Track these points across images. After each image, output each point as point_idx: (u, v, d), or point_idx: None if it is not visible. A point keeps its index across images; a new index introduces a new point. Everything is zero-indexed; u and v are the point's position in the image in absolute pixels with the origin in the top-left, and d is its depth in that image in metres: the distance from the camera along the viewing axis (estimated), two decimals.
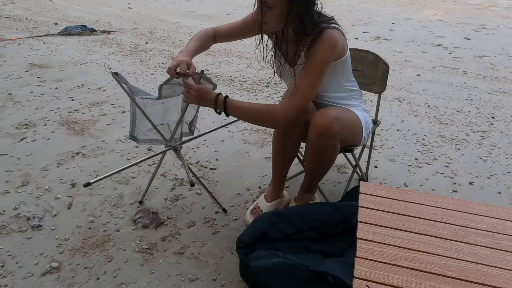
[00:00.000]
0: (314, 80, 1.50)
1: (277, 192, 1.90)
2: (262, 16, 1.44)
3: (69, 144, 2.49)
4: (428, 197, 1.29)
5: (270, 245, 1.51)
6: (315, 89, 1.52)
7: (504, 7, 8.93)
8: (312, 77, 1.49)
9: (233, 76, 3.88)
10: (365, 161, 2.31)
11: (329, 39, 1.46)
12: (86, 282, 1.52)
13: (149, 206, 1.94)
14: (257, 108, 1.55)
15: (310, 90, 1.51)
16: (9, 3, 7.02)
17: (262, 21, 1.46)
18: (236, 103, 1.54)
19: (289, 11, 1.41)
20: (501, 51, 5.20)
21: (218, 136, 2.66)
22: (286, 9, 1.41)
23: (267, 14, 1.43)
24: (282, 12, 1.42)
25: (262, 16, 1.44)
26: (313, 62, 1.48)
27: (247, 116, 1.56)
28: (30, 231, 1.76)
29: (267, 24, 1.48)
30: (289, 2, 1.39)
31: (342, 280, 1.33)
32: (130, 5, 7.49)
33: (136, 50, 4.64)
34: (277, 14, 1.42)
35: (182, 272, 1.58)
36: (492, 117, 3.17)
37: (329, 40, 1.46)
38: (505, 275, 1.00)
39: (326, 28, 1.47)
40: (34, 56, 4.17)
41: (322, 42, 1.46)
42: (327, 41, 1.46)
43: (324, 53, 1.47)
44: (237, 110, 1.54)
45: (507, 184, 2.27)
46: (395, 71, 4.23)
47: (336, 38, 1.47)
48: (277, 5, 1.40)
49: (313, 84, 1.50)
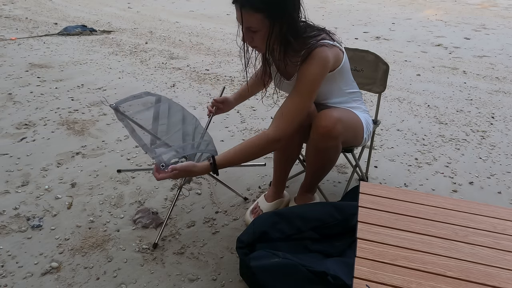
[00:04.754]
0: (304, 100, 1.48)
1: (278, 193, 1.90)
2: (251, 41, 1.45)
3: (69, 144, 2.49)
4: (428, 197, 1.29)
5: (270, 245, 1.51)
6: (307, 108, 1.50)
7: (504, 7, 8.93)
8: (303, 98, 1.48)
9: (233, 76, 3.88)
10: (365, 161, 2.31)
11: (319, 58, 1.44)
12: (86, 282, 1.52)
13: (149, 206, 1.94)
14: (246, 148, 1.49)
15: (300, 111, 1.49)
16: (9, 3, 7.02)
17: (252, 45, 1.47)
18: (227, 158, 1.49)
19: (271, 30, 1.40)
20: (501, 51, 5.20)
21: (218, 136, 2.65)
22: (269, 29, 1.39)
23: (255, 38, 1.43)
24: (267, 33, 1.41)
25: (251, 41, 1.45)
26: (304, 82, 1.46)
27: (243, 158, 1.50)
28: (30, 231, 1.76)
29: (258, 47, 1.49)
30: (270, 21, 1.38)
31: (342, 280, 1.33)
32: (130, 5, 7.49)
33: (136, 50, 4.64)
34: (262, 35, 1.42)
35: (182, 272, 1.58)
36: (492, 117, 3.17)
37: (319, 59, 1.44)
38: (505, 275, 0.99)
39: (316, 47, 1.44)
40: (34, 56, 4.17)
41: (312, 62, 1.44)
42: (317, 60, 1.44)
43: (315, 72, 1.45)
44: (229, 163, 1.50)
45: (507, 184, 2.27)
46: (395, 71, 4.23)
47: (326, 56, 1.45)
48: (261, 27, 1.39)
49: (304, 105, 1.49)
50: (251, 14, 1.35)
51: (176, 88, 3.51)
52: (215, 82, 3.70)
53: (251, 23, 1.38)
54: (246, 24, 1.39)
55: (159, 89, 3.46)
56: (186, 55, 4.54)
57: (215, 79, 3.77)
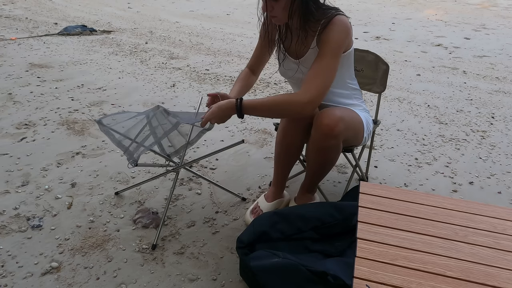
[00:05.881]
0: (331, 61, 1.47)
1: (278, 192, 1.90)
2: (271, 10, 1.46)
3: (69, 144, 2.49)
4: (428, 197, 1.29)
5: (270, 245, 1.51)
6: (334, 70, 1.48)
7: (504, 7, 8.93)
8: (329, 59, 1.47)
9: (233, 76, 3.88)
10: (365, 161, 2.31)
11: (341, 23, 1.47)
12: (86, 282, 1.52)
13: (149, 206, 1.94)
14: (274, 100, 1.48)
15: (329, 72, 1.47)
16: (9, 3, 7.01)
17: (272, 15, 1.48)
18: (253, 103, 1.49)
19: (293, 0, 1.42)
20: (501, 51, 5.20)
21: (218, 136, 2.65)
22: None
23: (275, 7, 1.45)
24: (289, 2, 1.43)
25: (271, 10, 1.46)
26: (328, 45, 1.47)
27: (269, 112, 1.50)
28: (30, 231, 1.76)
29: (276, 18, 1.49)
30: None
31: (342, 280, 1.33)
32: (130, 5, 7.49)
33: (136, 50, 4.64)
34: (285, 5, 1.44)
35: (182, 272, 1.58)
36: (492, 117, 3.17)
37: (341, 24, 1.47)
38: (505, 275, 0.99)
39: (337, 15, 1.48)
40: (34, 56, 4.17)
41: (334, 27, 1.46)
42: (339, 25, 1.46)
43: (339, 36, 1.47)
44: (255, 109, 1.50)
45: (507, 184, 2.27)
46: (395, 71, 4.23)
47: (347, 23, 1.48)
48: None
49: (331, 66, 1.47)
50: None
51: (176, 88, 3.51)
52: (215, 82, 3.70)
53: None
54: None
55: (159, 89, 3.46)
56: (186, 55, 4.54)
57: (215, 79, 3.77)
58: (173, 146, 1.79)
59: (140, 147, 1.59)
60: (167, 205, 1.82)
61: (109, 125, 1.64)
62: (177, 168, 1.86)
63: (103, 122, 1.65)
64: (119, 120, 1.69)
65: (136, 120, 1.70)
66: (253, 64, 1.82)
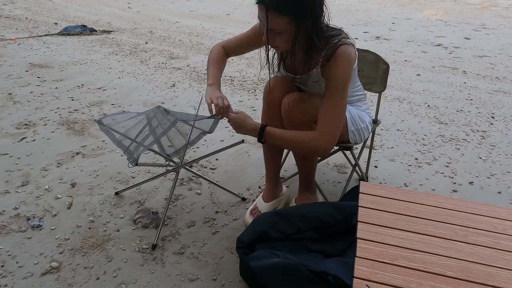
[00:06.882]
0: (341, 100, 1.49)
1: (274, 191, 1.90)
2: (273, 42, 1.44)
3: (69, 144, 2.49)
4: (428, 197, 1.29)
5: (270, 245, 1.51)
6: (345, 105, 1.52)
7: (504, 7, 8.93)
8: (339, 99, 1.48)
9: (233, 76, 3.88)
10: (365, 161, 2.31)
11: (345, 58, 1.44)
12: (86, 282, 1.52)
13: (149, 206, 1.94)
14: (294, 137, 1.53)
15: (342, 111, 1.50)
16: (9, 3, 7.01)
17: (274, 45, 1.46)
18: (274, 133, 1.53)
19: (296, 32, 1.39)
20: (501, 51, 5.20)
21: (218, 136, 2.66)
22: (294, 31, 1.38)
23: (277, 39, 1.42)
24: (291, 35, 1.40)
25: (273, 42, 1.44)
26: (337, 82, 1.46)
27: (287, 145, 1.63)
28: (30, 231, 1.76)
29: (278, 48, 1.48)
30: (296, 25, 1.37)
31: (342, 280, 1.33)
32: (130, 5, 7.49)
33: (136, 50, 4.64)
34: (287, 37, 1.41)
35: (182, 272, 1.58)
36: (492, 117, 3.17)
37: (346, 59, 1.44)
38: (505, 275, 0.99)
39: (339, 46, 1.44)
40: (34, 56, 4.17)
41: (340, 60, 1.44)
42: (344, 61, 1.44)
43: (345, 70, 1.45)
44: (273, 139, 1.54)
45: (507, 184, 2.27)
46: (395, 71, 4.23)
47: (351, 53, 1.45)
48: (285, 30, 1.38)
49: (342, 105, 1.50)
50: (276, 16, 1.34)
51: (176, 88, 3.51)
52: None
53: (276, 26, 1.37)
54: (271, 26, 1.37)
55: (159, 89, 3.46)
56: (186, 55, 4.54)
57: None
58: (173, 146, 1.79)
59: (140, 147, 1.60)
60: (167, 205, 1.82)
61: (109, 125, 1.65)
62: (177, 168, 1.87)
63: (103, 122, 1.65)
64: (119, 120, 1.70)
65: (136, 120, 1.70)
66: (230, 48, 1.79)
